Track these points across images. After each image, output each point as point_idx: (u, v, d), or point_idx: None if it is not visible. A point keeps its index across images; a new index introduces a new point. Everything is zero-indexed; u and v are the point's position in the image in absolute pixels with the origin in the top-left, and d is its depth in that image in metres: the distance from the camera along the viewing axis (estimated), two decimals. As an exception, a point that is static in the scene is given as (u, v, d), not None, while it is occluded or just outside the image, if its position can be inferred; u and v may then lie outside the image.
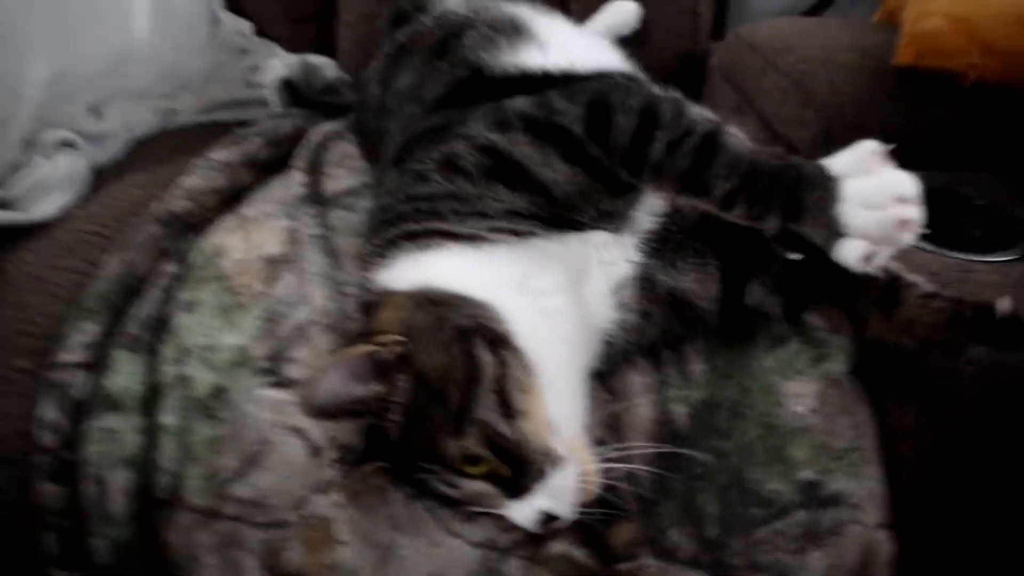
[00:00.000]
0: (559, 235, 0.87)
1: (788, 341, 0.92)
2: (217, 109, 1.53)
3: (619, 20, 1.69)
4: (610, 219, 0.89)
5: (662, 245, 0.92)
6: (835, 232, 0.79)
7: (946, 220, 1.05)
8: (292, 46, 1.74)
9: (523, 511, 0.81)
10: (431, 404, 0.79)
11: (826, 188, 0.80)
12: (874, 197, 0.78)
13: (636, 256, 0.91)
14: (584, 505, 0.84)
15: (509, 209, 0.86)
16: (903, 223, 0.77)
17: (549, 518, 0.81)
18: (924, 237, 1.00)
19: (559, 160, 0.86)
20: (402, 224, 0.91)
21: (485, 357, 0.80)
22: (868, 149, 0.80)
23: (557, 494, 0.80)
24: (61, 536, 0.90)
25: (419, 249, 0.88)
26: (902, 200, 0.77)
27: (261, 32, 1.77)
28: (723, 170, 0.83)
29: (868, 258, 0.78)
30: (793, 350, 0.92)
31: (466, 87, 1.03)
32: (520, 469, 0.80)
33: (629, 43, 1.68)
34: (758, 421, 0.89)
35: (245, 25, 1.75)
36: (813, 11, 1.83)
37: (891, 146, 0.80)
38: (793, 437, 0.89)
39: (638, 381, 0.88)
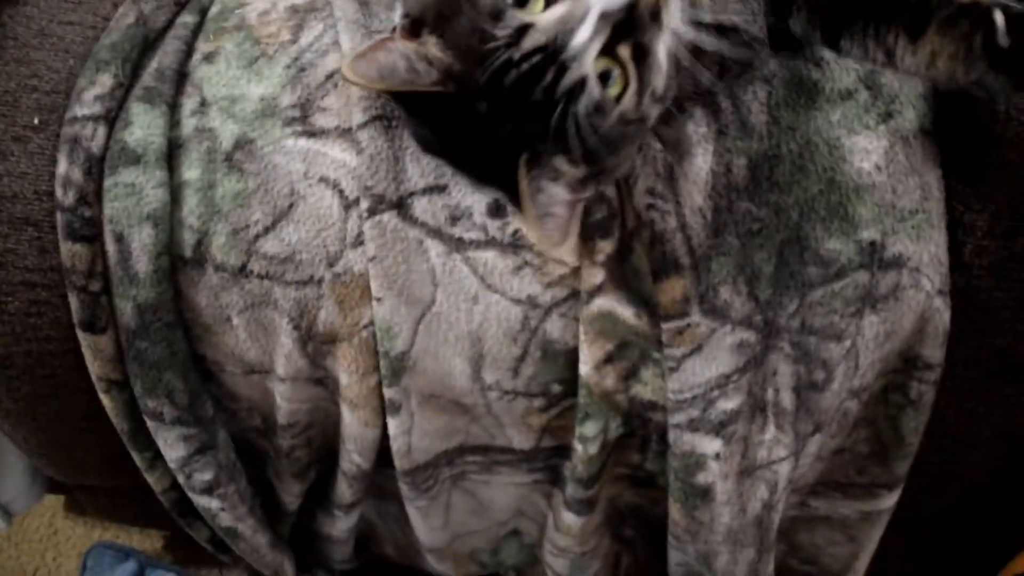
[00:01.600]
0: None
1: (856, 94, 0.85)
2: None
3: None
4: None
5: None
6: None
7: None
8: None
9: None
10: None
11: None
12: None
13: None
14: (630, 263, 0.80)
15: None
16: None
17: None
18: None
19: None
20: None
21: None
22: None
23: None
24: (87, 298, 0.86)
25: None
26: None
27: None
28: None
29: None
30: (862, 103, 0.84)
31: None
32: None
33: None
34: (821, 176, 0.83)
35: None
36: None
37: None
38: (857, 194, 0.83)
39: (695, 131, 0.81)
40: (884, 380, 0.91)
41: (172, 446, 0.93)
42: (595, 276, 0.81)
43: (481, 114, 0.69)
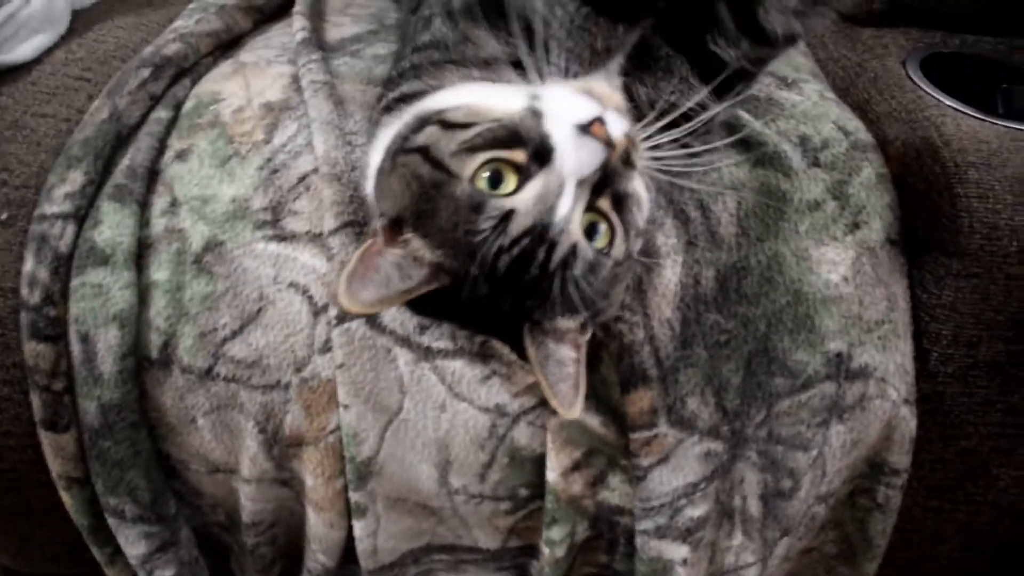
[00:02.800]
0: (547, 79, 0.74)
1: (824, 205, 0.86)
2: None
3: None
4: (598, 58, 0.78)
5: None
6: None
7: (995, 87, 1.00)
8: None
9: (567, 150, 0.66)
10: (429, 207, 0.69)
11: None
12: None
13: (617, 80, 0.80)
14: (599, 373, 0.81)
15: (488, 57, 0.77)
16: None
17: (588, 125, 0.66)
18: (971, 103, 0.96)
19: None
20: (401, 82, 0.82)
21: (418, 136, 0.71)
22: None
23: (561, 105, 0.68)
24: (49, 398, 0.85)
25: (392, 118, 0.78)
26: None
27: None
28: None
29: None
30: (830, 213, 0.86)
31: None
32: (519, 135, 0.67)
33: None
34: (788, 288, 0.84)
35: None
36: None
37: None
38: (824, 306, 0.84)
39: (664, 242, 0.82)
40: (851, 485, 0.91)
41: (133, 543, 0.91)
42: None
43: (479, 296, 0.69)
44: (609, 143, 0.66)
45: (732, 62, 0.74)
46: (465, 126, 0.68)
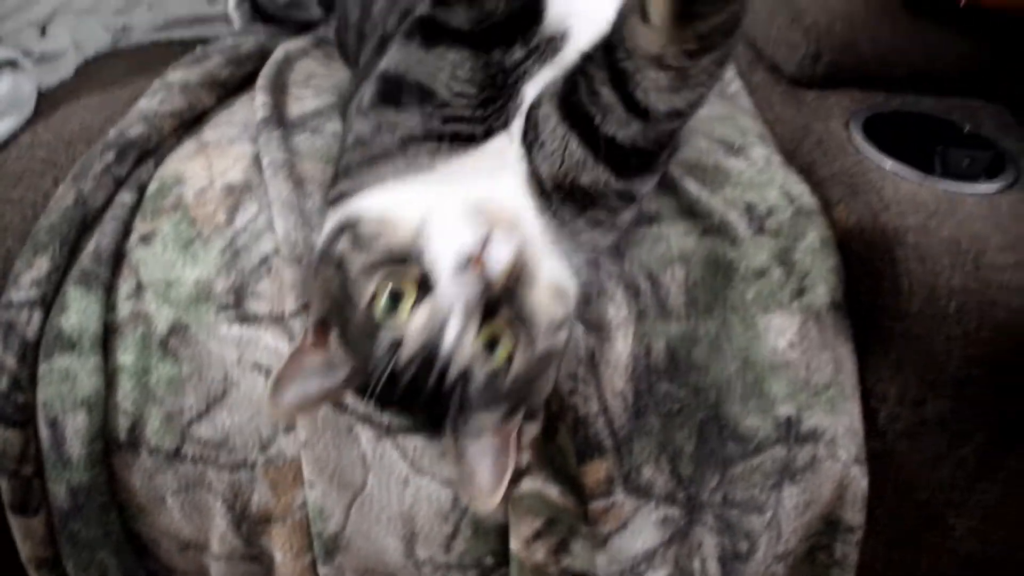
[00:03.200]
0: (458, 154, 0.79)
1: (769, 272, 0.89)
2: (173, 26, 1.45)
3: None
4: (498, 115, 0.80)
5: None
6: None
7: (934, 147, 1.04)
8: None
9: (442, 281, 0.68)
10: (342, 318, 0.73)
11: None
12: None
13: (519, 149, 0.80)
14: (555, 444, 0.83)
15: (403, 136, 0.80)
16: None
17: (468, 260, 0.68)
18: (911, 163, 0.99)
19: (446, 51, 0.80)
20: (335, 184, 0.86)
21: (334, 247, 0.75)
22: None
23: (443, 237, 0.70)
24: (18, 483, 0.87)
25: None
26: None
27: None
28: None
29: None
30: (775, 280, 0.89)
31: None
32: (409, 259, 0.70)
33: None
34: (737, 355, 0.87)
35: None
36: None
37: None
38: (772, 372, 0.87)
39: (615, 314, 0.85)
40: (809, 543, 0.93)
41: (106, 621, 0.93)
42: (522, 457, 0.83)
43: (392, 401, 0.73)
44: (489, 276, 0.67)
45: (625, 142, 0.74)
46: (370, 241, 0.72)
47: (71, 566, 0.89)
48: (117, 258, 0.91)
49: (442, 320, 0.67)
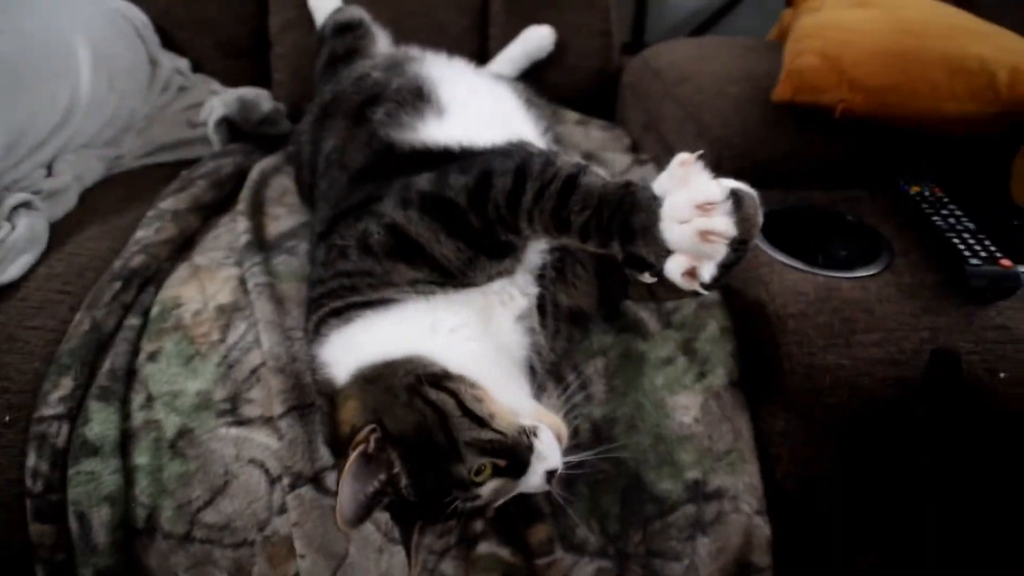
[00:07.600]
0: (460, 291, 0.97)
1: (675, 360, 1.08)
2: (159, 151, 1.62)
3: (535, 45, 1.83)
4: (500, 274, 0.99)
5: (556, 273, 1.04)
6: (662, 250, 0.80)
7: (818, 239, 1.20)
8: (229, 79, 1.85)
9: (533, 481, 0.89)
10: (426, 454, 0.86)
11: (650, 209, 0.81)
12: (681, 210, 0.78)
13: (532, 289, 1.02)
14: (504, 510, 1.00)
15: (412, 279, 0.96)
16: (705, 234, 0.77)
17: (550, 473, 0.89)
18: (798, 257, 1.17)
19: (445, 236, 0.95)
20: (329, 302, 1.00)
21: (439, 396, 0.87)
22: (678, 161, 0.80)
23: (548, 453, 0.88)
24: (52, 569, 1.02)
25: (344, 323, 0.97)
26: (703, 209, 0.77)
27: (197, 68, 1.88)
28: (578, 205, 0.86)
29: (690, 273, 0.79)
30: (680, 368, 1.07)
31: (383, 160, 1.11)
32: (513, 455, 0.87)
33: (546, 65, 1.84)
34: (651, 431, 1.05)
35: (183, 63, 1.85)
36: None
37: (699, 152, 0.80)
38: (680, 444, 1.05)
39: (547, 401, 1.03)
40: (728, 584, 1.10)
41: None
42: (477, 525, 1.00)
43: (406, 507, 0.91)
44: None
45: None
46: (479, 422, 0.86)
47: (97, 638, 1.04)
48: (129, 374, 1.08)
49: (507, 492, 0.89)
